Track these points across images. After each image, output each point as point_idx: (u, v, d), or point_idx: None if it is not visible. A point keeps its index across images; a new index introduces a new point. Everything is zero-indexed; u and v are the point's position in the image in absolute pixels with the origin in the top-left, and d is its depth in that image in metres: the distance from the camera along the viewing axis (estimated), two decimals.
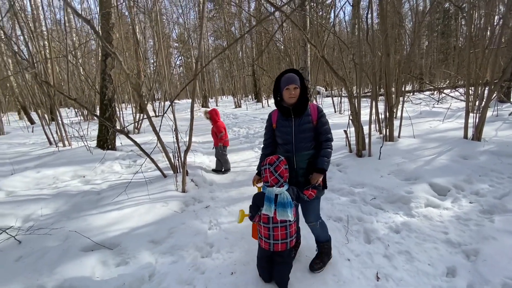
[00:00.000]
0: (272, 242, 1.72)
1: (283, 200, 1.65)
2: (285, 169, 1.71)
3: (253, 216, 1.77)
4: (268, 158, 1.74)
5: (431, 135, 5.32)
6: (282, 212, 1.64)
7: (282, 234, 1.71)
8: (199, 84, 18.23)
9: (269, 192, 1.67)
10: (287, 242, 1.74)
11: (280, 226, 1.71)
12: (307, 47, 7.52)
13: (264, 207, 1.67)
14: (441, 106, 9.18)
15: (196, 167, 4.29)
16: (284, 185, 1.70)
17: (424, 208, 2.75)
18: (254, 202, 1.77)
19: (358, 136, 4.22)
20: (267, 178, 1.70)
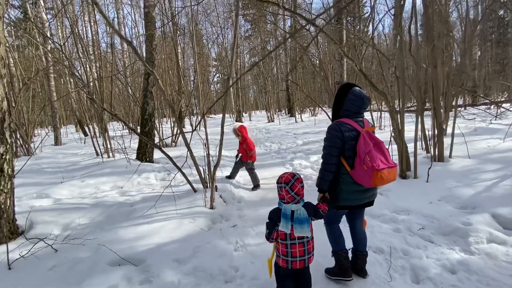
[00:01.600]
0: (291, 259, 1.70)
1: (300, 216, 1.66)
2: (301, 187, 1.71)
3: (270, 232, 1.73)
4: (284, 177, 1.74)
5: (490, 156, 4.63)
6: (300, 229, 1.65)
7: (300, 251, 1.70)
8: (233, 99, 18.75)
9: (285, 209, 1.69)
10: (305, 259, 1.72)
11: (298, 242, 1.70)
12: (343, 61, 7.29)
13: (281, 224, 1.67)
14: (500, 122, 8.12)
15: (226, 182, 4.25)
16: (300, 202, 1.71)
17: (487, 244, 2.30)
18: (271, 217, 1.75)
19: (401, 155, 3.82)
20: (283, 196, 1.71)
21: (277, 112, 23.22)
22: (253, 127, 14.15)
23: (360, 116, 1.93)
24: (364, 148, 1.77)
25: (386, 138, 7.07)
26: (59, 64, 8.93)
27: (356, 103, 1.88)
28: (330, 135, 1.88)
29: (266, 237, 1.76)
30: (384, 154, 1.83)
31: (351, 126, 1.85)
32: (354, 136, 1.84)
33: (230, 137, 12.32)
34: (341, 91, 1.95)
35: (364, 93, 1.90)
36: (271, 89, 17.65)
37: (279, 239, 1.72)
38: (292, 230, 1.65)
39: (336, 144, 1.85)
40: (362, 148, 1.77)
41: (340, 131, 1.84)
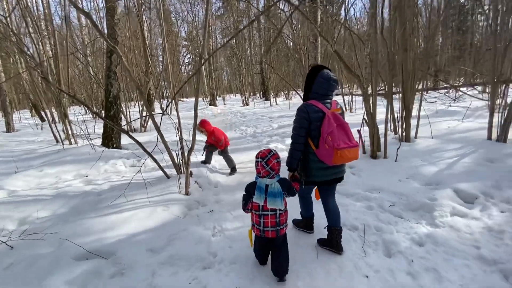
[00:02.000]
0: (263, 228, 1.84)
1: (273, 190, 1.78)
2: (276, 163, 1.81)
3: (246, 203, 1.88)
4: (260, 152, 1.85)
5: (451, 136, 4.97)
6: (272, 201, 1.76)
7: (272, 221, 1.82)
8: (206, 82, 18.11)
9: (260, 183, 1.81)
10: (277, 230, 1.84)
11: (270, 214, 1.82)
12: (318, 42, 7.25)
13: (255, 196, 1.80)
14: (458, 105, 8.75)
15: (201, 167, 4.11)
16: (275, 177, 1.82)
17: (450, 217, 2.48)
18: (247, 190, 1.89)
19: (373, 137, 3.94)
20: (259, 170, 1.82)
21: (252, 96, 22.97)
22: (227, 110, 13.87)
23: (328, 98, 2.01)
24: (327, 128, 1.87)
25: (357, 121, 7.32)
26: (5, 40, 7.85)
27: (324, 86, 1.95)
28: (298, 117, 1.98)
29: (242, 208, 1.92)
30: (347, 135, 1.94)
31: (318, 108, 1.93)
32: (320, 118, 1.93)
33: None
34: (311, 74, 2.02)
35: (332, 76, 1.96)
36: (245, 72, 17.25)
37: (253, 209, 1.85)
38: (265, 202, 1.77)
39: (303, 125, 1.95)
40: (325, 128, 1.88)
41: (307, 112, 1.93)
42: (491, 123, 4.44)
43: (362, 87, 3.89)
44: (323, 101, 1.98)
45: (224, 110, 14.17)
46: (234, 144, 6.12)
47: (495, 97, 4.48)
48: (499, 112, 4.34)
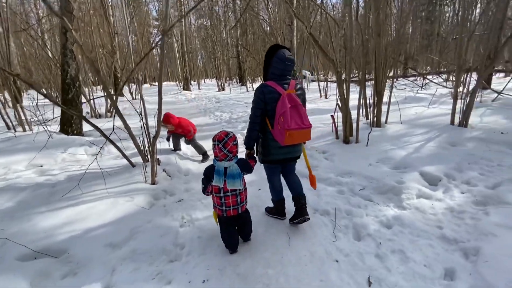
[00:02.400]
0: (225, 208, 1.88)
1: (232, 172, 1.80)
2: (234, 145, 1.82)
3: (205, 187, 1.89)
4: (217, 135, 1.83)
5: (418, 121, 5.17)
6: (232, 183, 1.79)
7: (233, 201, 1.88)
8: (180, 65, 17.27)
9: (218, 166, 1.81)
10: (238, 207, 1.91)
11: (231, 194, 1.86)
12: (294, 26, 7.08)
13: (214, 179, 1.80)
14: (425, 92, 9.16)
15: (171, 155, 3.90)
16: (233, 159, 1.83)
17: (416, 199, 2.56)
18: (205, 174, 1.89)
19: (346, 122, 3.96)
20: (216, 153, 1.81)
21: (228, 81, 22.42)
22: (202, 96, 13.40)
23: (286, 78, 2.00)
24: (280, 109, 1.91)
25: (331, 107, 7.39)
26: None
27: (279, 66, 1.94)
28: (255, 97, 2.00)
29: (202, 191, 1.92)
30: (301, 116, 1.96)
31: (274, 88, 1.95)
32: (275, 99, 1.94)
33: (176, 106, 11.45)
34: (268, 54, 2.00)
35: (288, 55, 1.94)
36: (220, 55, 16.65)
37: (214, 192, 1.87)
38: (225, 184, 1.80)
39: (258, 105, 1.98)
40: (278, 109, 1.92)
41: (262, 93, 1.96)
42: (454, 109, 4.64)
43: (336, 71, 3.84)
44: (280, 82, 1.97)
45: (198, 95, 13.67)
46: (208, 131, 5.91)
47: (458, 85, 4.68)
48: (461, 99, 4.55)
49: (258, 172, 2.75)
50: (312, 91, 12.13)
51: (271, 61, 1.98)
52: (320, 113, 6.45)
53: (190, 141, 3.97)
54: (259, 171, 2.63)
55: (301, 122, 1.93)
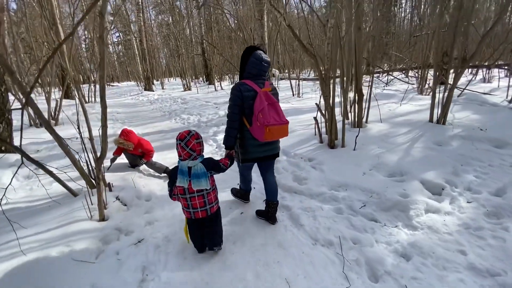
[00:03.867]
0: (192, 210, 1.80)
1: (197, 172, 1.72)
2: (197, 143, 1.76)
3: (171, 190, 1.83)
4: (179, 134, 1.77)
5: (395, 119, 5.01)
6: (197, 183, 1.72)
7: (200, 202, 1.80)
8: (140, 64, 15.86)
9: (182, 165, 1.74)
10: (207, 209, 1.83)
11: (197, 195, 1.78)
12: (264, 20, 6.59)
13: (178, 180, 1.73)
14: (390, 89, 9.35)
15: (128, 172, 3.17)
16: (197, 158, 1.76)
17: (425, 215, 2.22)
18: (170, 177, 1.84)
19: (331, 125, 3.57)
20: (179, 153, 1.75)
21: (194, 80, 21.32)
22: (166, 96, 12.36)
23: (261, 78, 2.05)
24: (258, 106, 1.93)
25: (307, 107, 7.08)
26: None
27: (256, 66, 1.99)
28: (232, 95, 2.01)
29: (169, 195, 1.86)
30: (278, 113, 2.01)
31: (250, 86, 1.98)
32: (252, 96, 1.98)
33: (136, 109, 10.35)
34: (245, 54, 2.04)
35: (264, 57, 2.01)
36: (185, 52, 15.62)
37: (179, 194, 1.79)
38: (190, 184, 1.72)
39: (236, 103, 1.99)
40: (257, 106, 1.94)
41: (240, 91, 1.97)
42: (432, 106, 4.54)
43: (318, 69, 3.42)
44: (256, 81, 2.02)
45: (162, 96, 12.59)
46: (173, 137, 5.17)
47: (437, 82, 4.58)
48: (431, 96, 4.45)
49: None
50: (283, 89, 11.83)
51: (247, 61, 2.02)
52: (296, 113, 6.06)
53: (148, 163, 3.28)
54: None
55: (279, 118, 1.98)
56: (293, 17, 13.02)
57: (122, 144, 3.08)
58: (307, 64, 19.05)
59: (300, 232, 2.12)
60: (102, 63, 1.81)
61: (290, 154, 3.64)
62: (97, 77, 6.69)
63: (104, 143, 2.01)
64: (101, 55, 1.78)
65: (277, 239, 2.06)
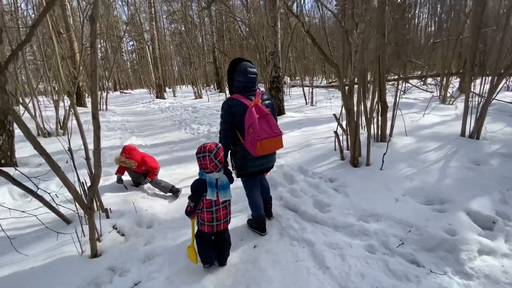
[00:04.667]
0: (215, 223, 1.80)
1: (223, 183, 1.75)
2: (223, 155, 1.79)
3: (196, 205, 1.74)
4: (207, 146, 1.74)
5: (421, 132, 4.58)
6: (224, 194, 1.75)
7: (223, 213, 1.82)
8: (152, 71, 15.96)
9: (210, 178, 1.71)
10: (228, 219, 1.87)
11: (222, 206, 1.81)
12: (278, 27, 6.34)
13: (208, 193, 1.71)
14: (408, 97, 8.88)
15: (129, 193, 2.90)
16: (221, 170, 1.77)
17: (479, 258, 1.82)
18: (196, 190, 1.75)
19: (355, 140, 3.21)
20: (206, 165, 1.72)
21: (205, 87, 21.34)
22: (177, 104, 12.27)
23: (251, 90, 2.01)
24: (248, 120, 1.91)
25: (321, 115, 6.71)
26: None
27: (242, 79, 1.97)
28: (222, 112, 1.99)
29: (190, 211, 1.74)
30: (269, 125, 1.98)
31: (240, 101, 1.95)
32: (242, 110, 1.94)
33: (147, 117, 10.24)
34: (230, 68, 2.01)
35: (249, 68, 1.96)
36: (196, 60, 15.61)
37: (205, 208, 1.76)
38: (218, 196, 1.73)
39: (227, 119, 1.97)
40: (247, 121, 1.92)
41: (228, 106, 1.96)
42: (465, 119, 4.09)
43: (339, 77, 3.09)
44: (246, 94, 1.99)
45: (173, 104, 12.51)
46: (182, 150, 4.93)
47: (468, 92, 4.13)
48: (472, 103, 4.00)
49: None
50: (295, 97, 11.52)
51: (233, 75, 2.00)
52: (311, 124, 5.71)
53: (153, 181, 3.00)
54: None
55: (271, 131, 1.96)
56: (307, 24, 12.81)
57: (123, 163, 2.82)
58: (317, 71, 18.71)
59: (326, 277, 1.76)
60: (94, 76, 1.54)
61: (308, 172, 3.28)
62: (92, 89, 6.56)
63: (97, 168, 1.73)
64: (93, 66, 1.51)
65: (299, 285, 1.71)
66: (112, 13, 25.50)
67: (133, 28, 25.09)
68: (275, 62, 6.39)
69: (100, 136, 1.65)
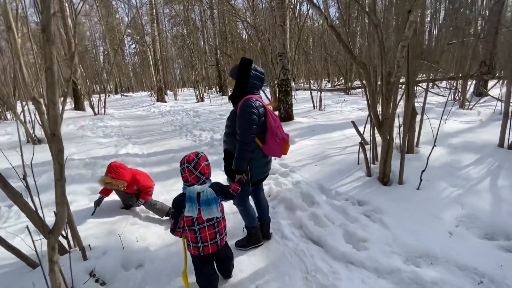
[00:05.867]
0: (201, 245, 1.59)
1: (207, 197, 1.55)
2: (206, 165, 1.61)
3: (176, 222, 1.58)
4: (186, 156, 1.60)
5: (450, 141, 4.07)
6: (208, 210, 1.54)
7: (210, 234, 1.60)
8: (153, 73, 15.54)
9: (190, 192, 1.54)
10: (217, 241, 1.64)
11: (207, 225, 1.59)
12: (286, 26, 5.88)
13: (186, 208, 1.52)
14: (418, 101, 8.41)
15: (117, 218, 2.40)
16: (206, 182, 1.60)
17: None
18: (175, 205, 1.61)
19: (386, 154, 2.70)
20: (186, 177, 1.56)
21: (207, 90, 20.93)
22: (178, 108, 11.82)
23: (258, 92, 2.01)
24: (274, 122, 1.90)
25: (330, 121, 6.21)
26: None
27: (258, 80, 1.93)
28: (248, 114, 1.81)
29: (172, 229, 1.62)
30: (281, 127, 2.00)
31: (260, 102, 1.91)
32: (263, 113, 1.90)
33: (146, 122, 9.78)
34: (245, 67, 1.91)
35: (262, 71, 1.96)
36: (198, 63, 15.19)
37: (186, 226, 1.58)
38: (200, 213, 1.54)
39: (254, 122, 1.82)
40: (272, 122, 1.89)
41: (256, 108, 1.84)
42: (504, 128, 3.59)
43: (368, 78, 2.60)
44: (258, 96, 1.96)
45: (174, 108, 12.05)
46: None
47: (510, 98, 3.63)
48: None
49: None
50: (300, 101, 11.02)
51: (249, 74, 1.89)
52: (324, 131, 5.20)
53: (147, 203, 2.50)
54: None
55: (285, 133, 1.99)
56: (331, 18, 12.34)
57: (109, 185, 2.31)
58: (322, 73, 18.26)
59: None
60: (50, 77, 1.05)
61: (330, 192, 2.77)
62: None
63: (62, 206, 1.23)
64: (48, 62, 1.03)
65: None
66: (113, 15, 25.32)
67: (135, 31, 24.85)
68: (283, 64, 5.92)
69: (63, 163, 1.15)
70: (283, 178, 3.20)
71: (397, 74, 2.15)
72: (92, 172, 3.68)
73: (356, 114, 7.25)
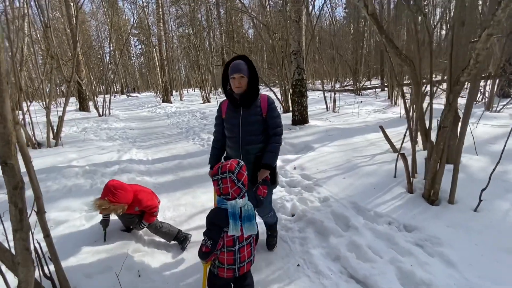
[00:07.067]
0: (238, 266, 1.40)
1: (248, 212, 1.38)
2: (246, 176, 1.41)
3: (216, 243, 1.30)
4: (227, 164, 1.36)
5: (489, 148, 3.60)
6: (250, 226, 1.36)
7: (248, 252, 1.43)
8: (159, 73, 15.23)
9: (233, 207, 1.32)
10: (252, 259, 1.48)
11: (246, 244, 1.42)
12: (302, 22, 5.44)
13: (230, 227, 1.30)
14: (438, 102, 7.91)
15: (117, 245, 2.00)
16: (245, 195, 1.41)
17: None
18: (214, 223, 1.33)
19: (437, 169, 2.25)
20: (227, 189, 1.34)
21: (214, 91, 20.58)
22: (185, 109, 11.46)
23: None
24: None
25: (348, 124, 5.75)
26: None
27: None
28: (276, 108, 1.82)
29: (206, 252, 1.31)
30: None
31: None
32: None
33: (151, 124, 9.40)
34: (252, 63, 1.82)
35: None
36: (204, 63, 14.83)
37: (226, 247, 1.36)
38: (242, 231, 1.33)
39: None
40: None
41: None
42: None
43: (415, 76, 2.16)
44: None
45: (180, 109, 11.70)
46: (190, 167, 4.02)
47: None
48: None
49: None
50: (311, 102, 10.56)
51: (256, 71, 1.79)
52: (344, 136, 4.74)
53: (152, 226, 2.09)
54: None
55: None
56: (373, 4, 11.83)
57: (107, 210, 1.91)
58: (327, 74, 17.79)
59: None
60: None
61: (368, 213, 2.33)
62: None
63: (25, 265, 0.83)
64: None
65: None
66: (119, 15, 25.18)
67: (141, 31, 24.68)
68: (298, 63, 5.49)
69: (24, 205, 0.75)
70: (307, 193, 2.77)
71: (472, 72, 1.71)
72: (91, 182, 3.31)
73: (373, 117, 6.78)
